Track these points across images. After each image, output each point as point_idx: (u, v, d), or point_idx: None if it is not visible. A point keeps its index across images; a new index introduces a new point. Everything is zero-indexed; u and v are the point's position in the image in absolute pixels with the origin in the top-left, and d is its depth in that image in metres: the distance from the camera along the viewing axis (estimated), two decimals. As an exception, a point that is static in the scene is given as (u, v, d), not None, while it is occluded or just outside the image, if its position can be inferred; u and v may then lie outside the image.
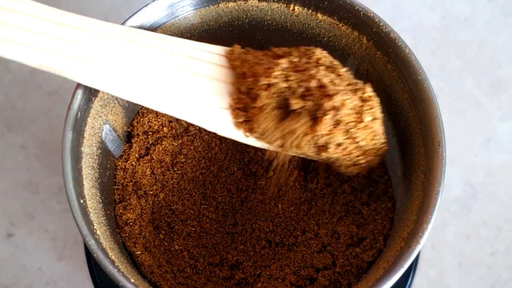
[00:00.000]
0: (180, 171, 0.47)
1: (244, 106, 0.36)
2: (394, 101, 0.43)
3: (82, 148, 0.39)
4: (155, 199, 0.46)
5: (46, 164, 0.56)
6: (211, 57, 0.38)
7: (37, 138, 0.57)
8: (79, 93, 0.38)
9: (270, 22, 0.45)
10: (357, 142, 0.36)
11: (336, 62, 0.37)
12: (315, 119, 0.35)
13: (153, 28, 0.42)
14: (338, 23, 0.43)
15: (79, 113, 0.38)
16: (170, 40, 0.37)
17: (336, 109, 0.34)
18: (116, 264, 0.36)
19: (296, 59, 0.36)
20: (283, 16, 0.44)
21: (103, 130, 0.42)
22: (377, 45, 0.42)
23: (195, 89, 0.36)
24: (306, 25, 0.45)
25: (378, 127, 0.37)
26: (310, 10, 0.44)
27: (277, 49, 0.38)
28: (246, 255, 0.45)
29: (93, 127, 0.41)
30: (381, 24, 0.41)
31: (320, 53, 0.37)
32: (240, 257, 0.45)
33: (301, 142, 0.36)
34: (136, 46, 0.35)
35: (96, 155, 0.41)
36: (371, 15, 0.41)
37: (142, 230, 0.44)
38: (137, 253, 0.42)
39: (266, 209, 0.47)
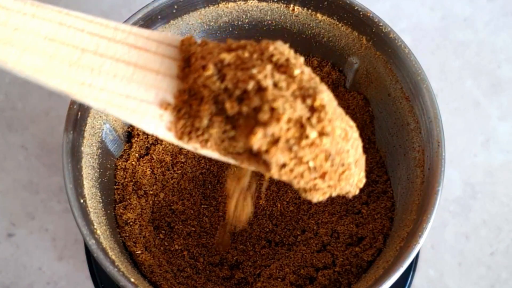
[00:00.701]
0: (180, 171, 0.47)
1: (188, 108, 0.30)
2: (394, 101, 0.43)
3: (82, 148, 0.39)
4: (155, 199, 0.46)
5: (46, 164, 0.56)
6: (159, 47, 0.33)
7: (37, 138, 0.57)
8: (79, 93, 0.38)
9: (270, 22, 0.45)
10: (306, 163, 0.28)
11: (293, 61, 0.30)
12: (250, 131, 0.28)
13: (153, 28, 0.42)
14: (337, 23, 0.44)
15: (79, 113, 0.38)
16: (111, 26, 0.32)
17: (266, 123, 0.27)
18: (116, 263, 0.36)
19: (246, 54, 0.30)
20: (283, 16, 0.45)
21: (103, 130, 0.42)
22: (377, 45, 0.42)
23: (135, 83, 0.31)
24: (306, 25, 0.45)
25: (331, 145, 0.29)
26: (310, 10, 0.44)
27: (233, 42, 0.32)
28: (246, 255, 0.45)
29: (93, 127, 0.41)
30: (381, 24, 0.41)
31: (274, 49, 0.30)
32: (240, 257, 0.45)
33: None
34: (69, 31, 0.31)
35: (96, 155, 0.41)
36: (371, 15, 0.41)
37: (142, 230, 0.44)
38: (137, 252, 0.42)
39: (266, 209, 0.47)
